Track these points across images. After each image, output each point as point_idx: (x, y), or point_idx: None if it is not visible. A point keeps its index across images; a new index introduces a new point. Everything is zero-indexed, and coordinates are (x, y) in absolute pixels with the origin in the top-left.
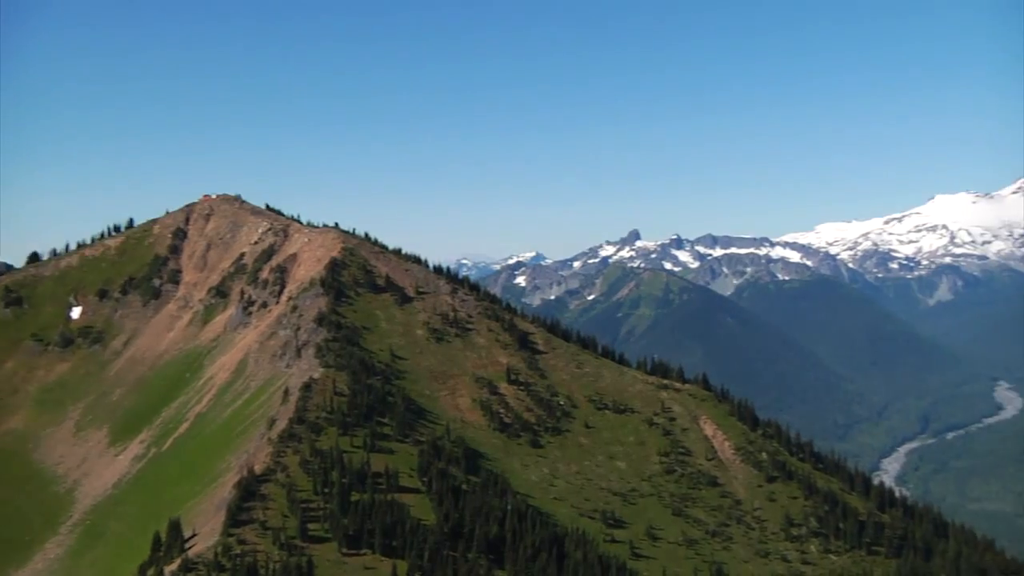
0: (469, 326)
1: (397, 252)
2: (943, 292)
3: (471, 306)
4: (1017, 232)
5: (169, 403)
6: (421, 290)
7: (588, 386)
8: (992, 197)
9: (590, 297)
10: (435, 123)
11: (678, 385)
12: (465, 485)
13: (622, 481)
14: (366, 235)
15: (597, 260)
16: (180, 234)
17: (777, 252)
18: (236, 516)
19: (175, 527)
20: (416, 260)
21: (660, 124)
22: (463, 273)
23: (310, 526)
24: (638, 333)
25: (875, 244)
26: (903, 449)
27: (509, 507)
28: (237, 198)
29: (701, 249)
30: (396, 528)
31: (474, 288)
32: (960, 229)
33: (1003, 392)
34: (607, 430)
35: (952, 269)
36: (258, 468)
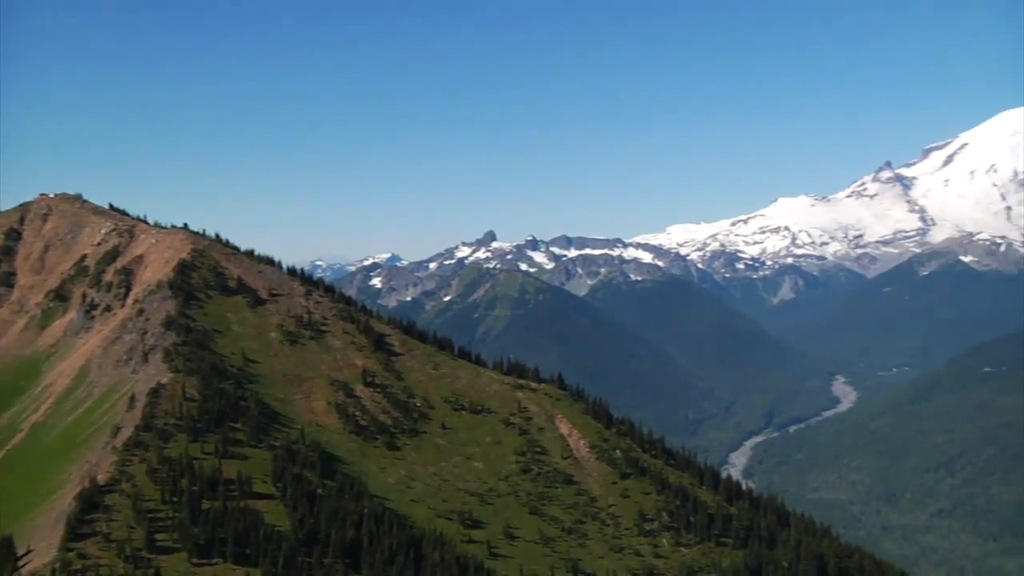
0: (324, 328)
1: (249, 254)
2: (786, 291)
3: (326, 308)
4: (852, 234)
5: (1, 413)
6: (274, 292)
7: (445, 387)
8: (829, 200)
9: (446, 298)
10: (285, 123)
11: (534, 385)
12: (321, 490)
13: (479, 481)
14: (217, 236)
15: (453, 261)
16: (14, 235)
17: (630, 253)
18: (76, 529)
19: (7, 543)
20: (269, 262)
21: (515, 126)
22: (318, 275)
23: (158, 537)
24: (494, 334)
25: (723, 245)
26: (749, 443)
27: (366, 510)
28: (78, 197)
29: (556, 250)
30: (249, 536)
31: (329, 290)
32: (801, 231)
33: (840, 386)
34: (464, 431)
35: (794, 269)
36: (101, 478)
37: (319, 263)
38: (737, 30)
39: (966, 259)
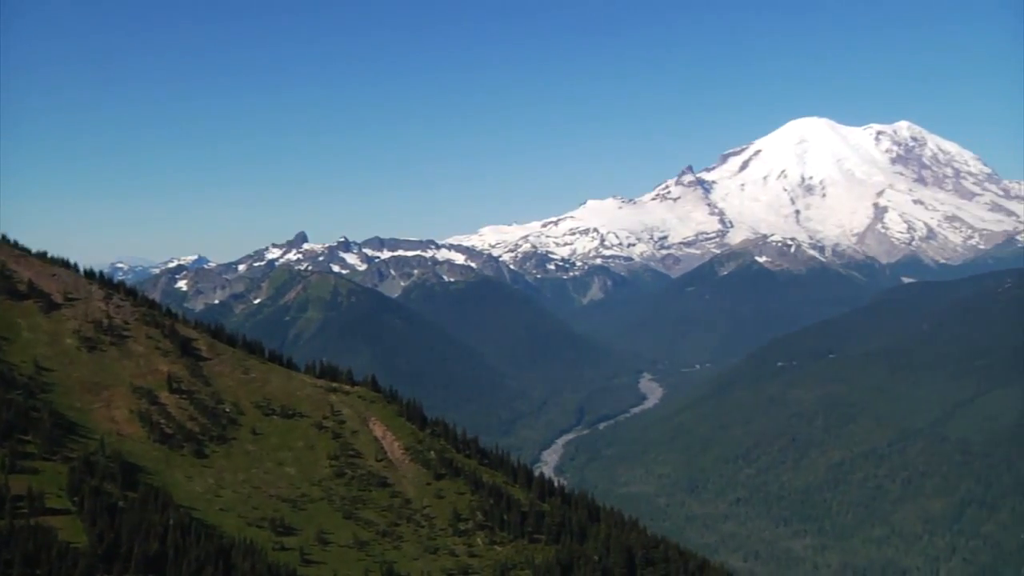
0: (126, 334)
1: (42, 256)
2: (595, 291)
3: (127, 312)
4: (657, 235)
5: None
6: (71, 296)
7: (255, 392)
8: (636, 203)
9: (256, 301)
10: (77, 117)
11: (347, 387)
12: (122, 502)
13: (292, 487)
14: (4, 237)
15: (263, 263)
16: None
17: (443, 254)
18: None
19: None
20: (64, 264)
21: (326, 125)
22: (119, 277)
23: None
24: (307, 336)
25: (534, 246)
26: (561, 440)
27: (171, 521)
28: None
29: (369, 251)
30: (40, 555)
31: (131, 293)
32: (609, 232)
33: (647, 383)
34: (276, 436)
35: (603, 270)
36: None
37: (120, 265)
38: (543, 34)
39: (761, 260)
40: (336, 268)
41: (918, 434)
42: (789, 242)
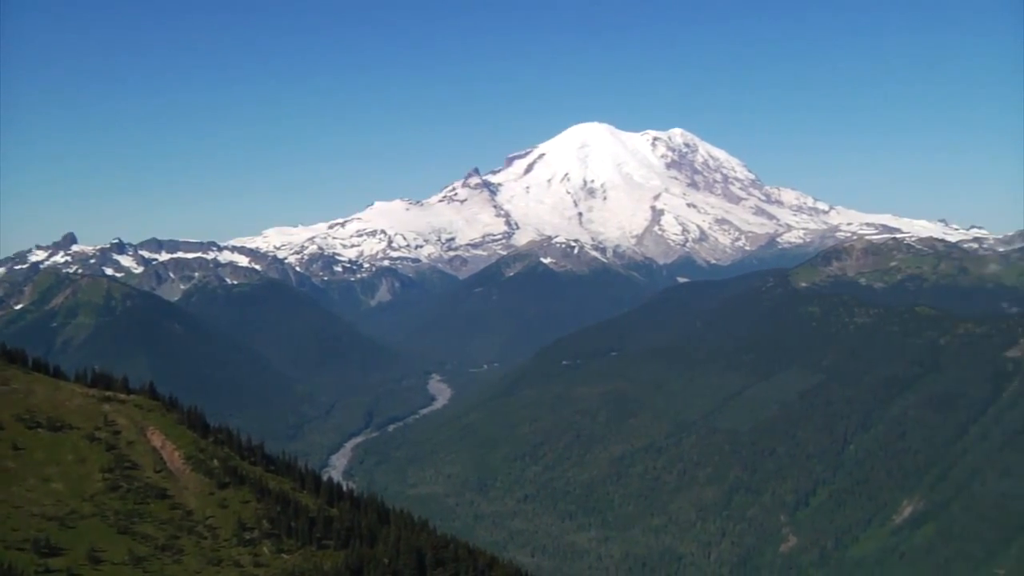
0: None
1: None
2: (383, 293)
3: None
4: (444, 237)
5: None
6: None
7: (17, 404)
8: (423, 205)
9: (18, 306)
10: None
11: (123, 396)
12: None
13: (59, 504)
14: None
15: (27, 266)
16: None
17: (225, 256)
18: None
19: None
20: None
21: (94, 121)
22: None
23: None
24: (77, 343)
25: (321, 248)
26: (350, 444)
27: None
28: None
29: (146, 254)
30: None
31: None
32: (397, 234)
33: (435, 384)
34: (41, 450)
35: (391, 272)
36: None
37: None
38: (325, 34)
39: (546, 261)
40: (110, 271)
41: (692, 426)
42: (573, 243)
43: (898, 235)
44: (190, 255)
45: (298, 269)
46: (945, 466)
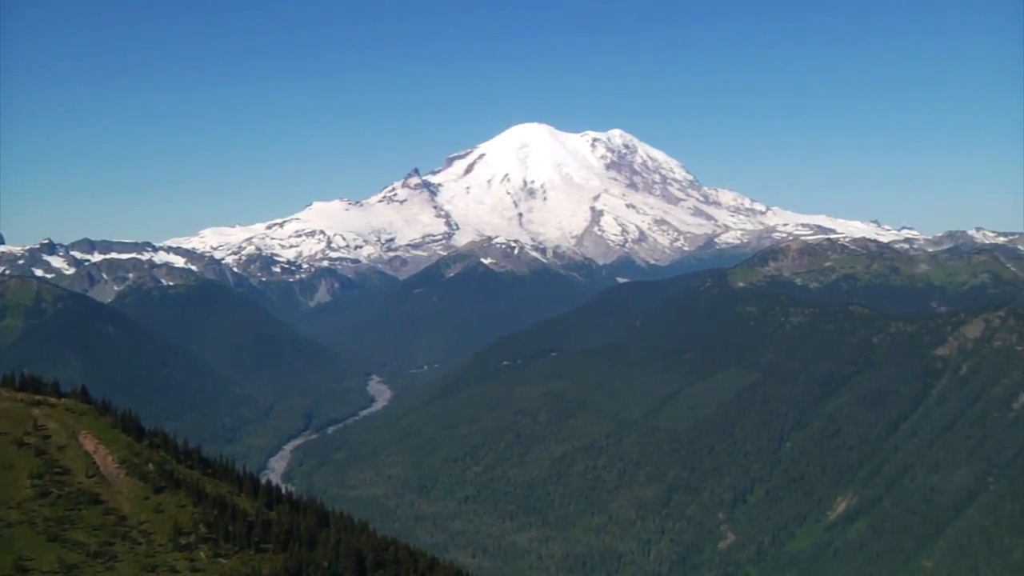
0: None
1: None
2: (322, 294)
3: None
4: (384, 238)
5: None
6: None
7: None
8: (362, 205)
9: None
10: None
11: (53, 400)
12: None
13: None
14: None
15: None
16: None
17: (161, 257)
18: None
19: None
20: None
21: (23, 120)
22: None
23: None
24: (5, 346)
25: (259, 249)
26: (289, 446)
27: None
28: None
29: (77, 255)
30: None
31: None
32: (336, 235)
33: (375, 385)
34: None
35: (330, 272)
36: None
37: None
38: (262, 32)
39: (487, 261)
40: (40, 272)
41: (632, 426)
42: (513, 244)
43: (832, 236)
44: (124, 256)
45: (236, 270)
46: (877, 462)
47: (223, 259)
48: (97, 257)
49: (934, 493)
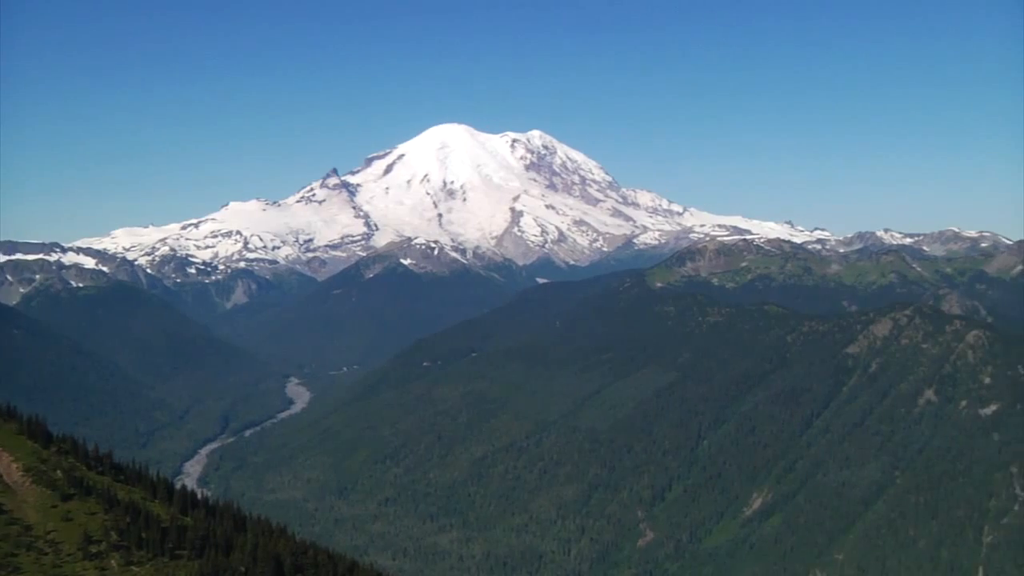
0: None
1: None
2: (239, 295)
3: None
4: (302, 238)
5: None
6: None
7: None
8: (280, 205)
9: None
10: None
11: None
12: None
13: None
14: None
15: None
16: None
17: (70, 258)
18: None
19: None
20: None
21: None
22: None
23: None
24: None
25: (173, 250)
26: (205, 450)
27: None
28: None
29: None
30: None
31: None
32: (253, 235)
33: (294, 387)
34: None
35: (247, 273)
36: None
37: None
38: (177, 29)
39: (406, 262)
40: None
41: (552, 426)
42: (433, 245)
43: (748, 236)
44: (30, 256)
45: (149, 271)
46: (791, 459)
47: (136, 260)
48: (2, 258)
49: (845, 488)
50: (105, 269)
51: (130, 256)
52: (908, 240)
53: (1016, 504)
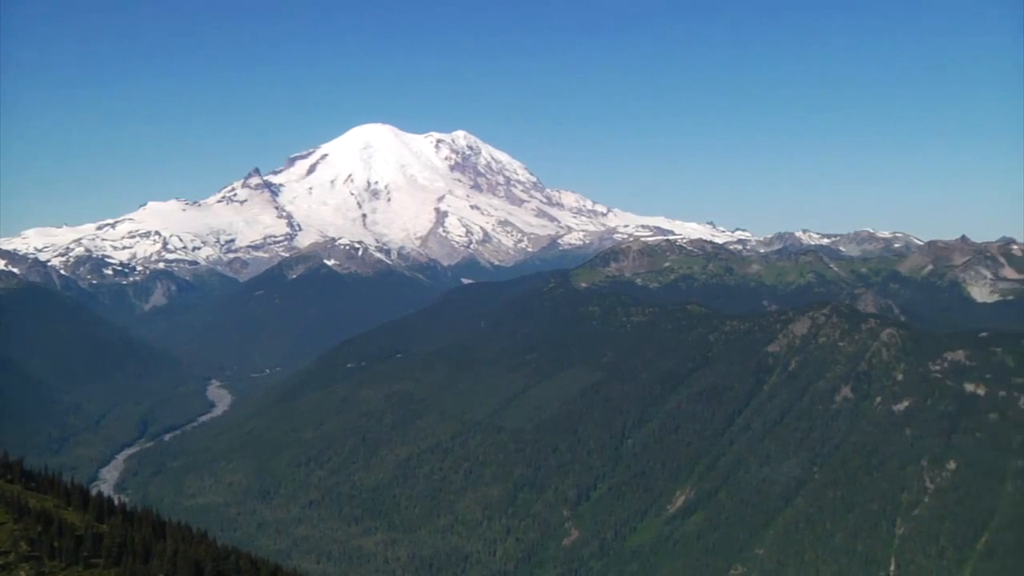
0: None
1: None
2: (159, 297)
3: None
4: (224, 239)
5: None
6: None
7: None
8: (200, 205)
9: None
10: None
11: None
12: None
13: None
14: None
15: None
16: None
17: None
18: None
19: None
20: None
21: None
22: None
23: None
24: None
25: (88, 250)
26: (122, 456)
27: None
28: None
29: None
30: None
31: None
32: (172, 236)
33: (215, 390)
34: None
35: (167, 274)
36: None
37: None
38: (103, 29)
39: (330, 263)
40: None
41: (478, 426)
42: (357, 245)
43: (671, 237)
44: None
45: (63, 272)
46: (714, 456)
47: (49, 261)
48: None
49: (765, 484)
50: (15, 270)
51: (42, 257)
52: (825, 240)
53: (926, 496)
